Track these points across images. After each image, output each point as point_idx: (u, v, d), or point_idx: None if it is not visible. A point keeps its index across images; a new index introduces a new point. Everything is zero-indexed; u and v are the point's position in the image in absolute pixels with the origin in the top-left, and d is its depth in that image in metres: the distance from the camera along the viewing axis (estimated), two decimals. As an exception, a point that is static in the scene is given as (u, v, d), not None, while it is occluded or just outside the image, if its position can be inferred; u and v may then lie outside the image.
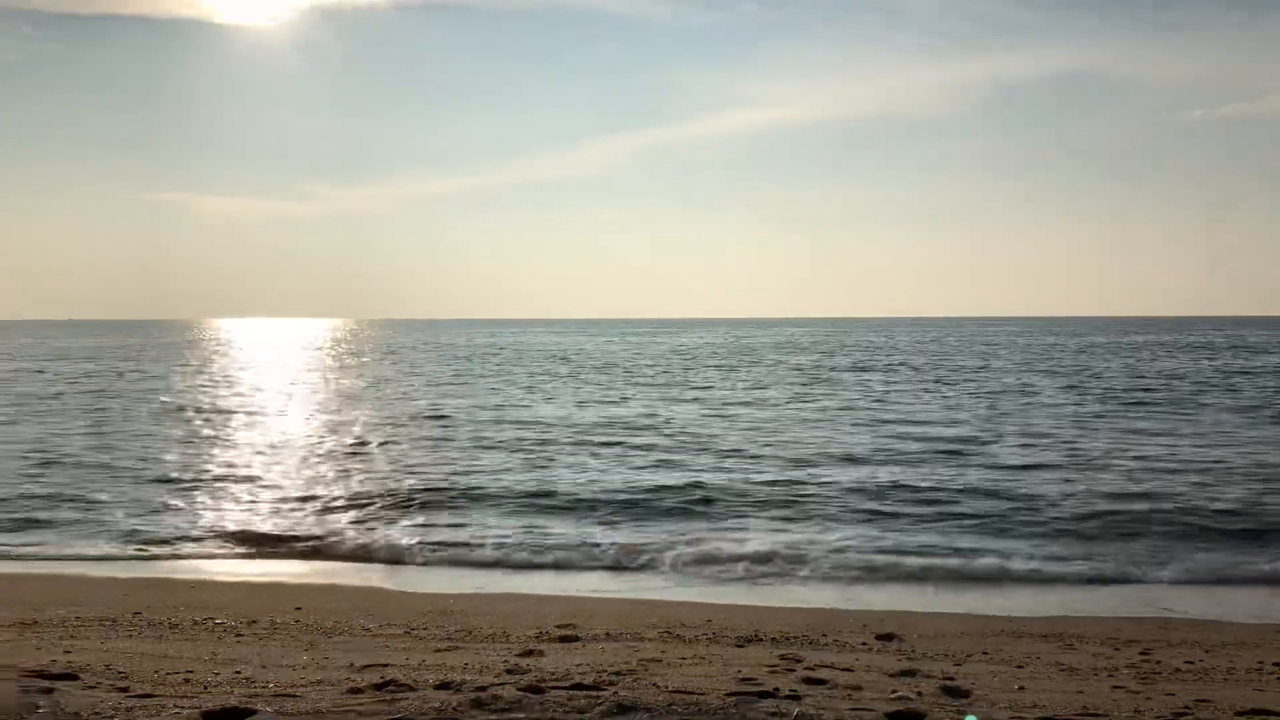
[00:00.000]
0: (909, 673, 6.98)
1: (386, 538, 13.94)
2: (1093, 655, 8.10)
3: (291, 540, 13.96)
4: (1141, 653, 8.17)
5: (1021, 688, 6.65)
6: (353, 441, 23.33)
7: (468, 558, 12.91)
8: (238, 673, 6.59)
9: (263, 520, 15.13)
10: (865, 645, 8.35)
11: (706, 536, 13.47)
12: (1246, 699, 6.52)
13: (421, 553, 13.07)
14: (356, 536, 13.96)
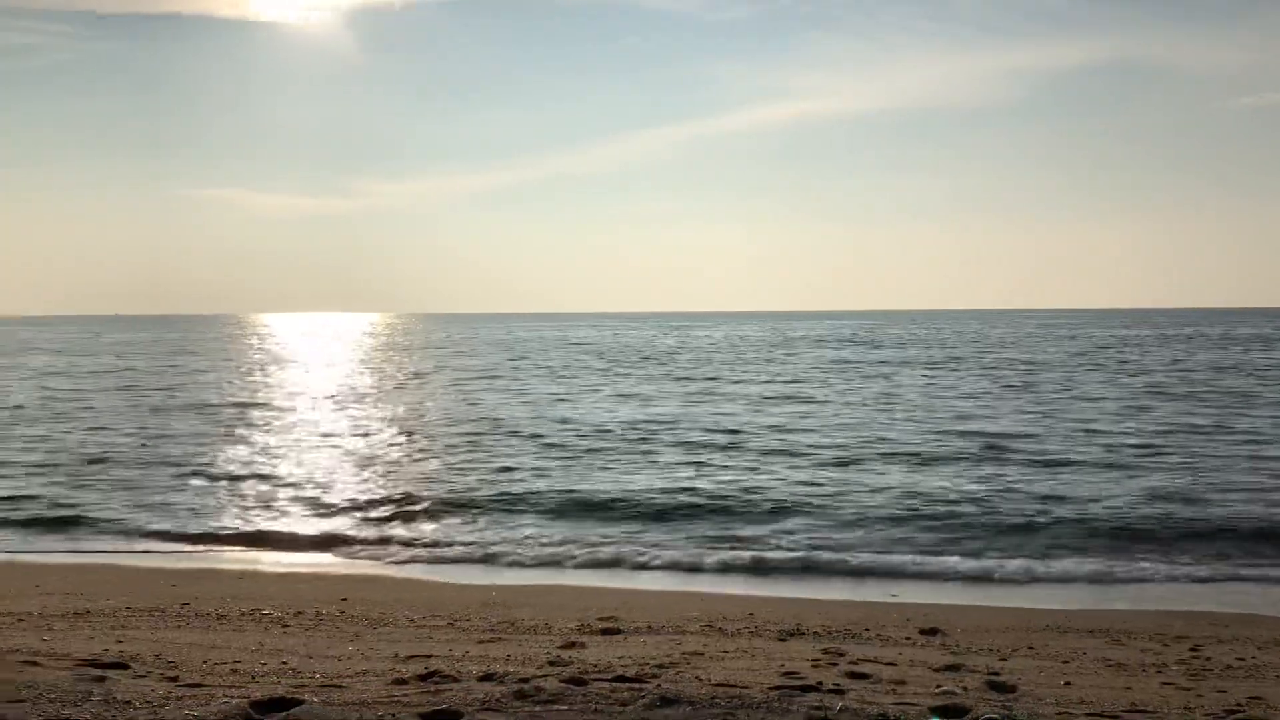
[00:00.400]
0: (953, 667, 6.93)
1: (434, 532, 14.07)
2: (1141, 651, 7.99)
3: (335, 534, 14.13)
4: (1191, 649, 8.04)
5: (1068, 683, 6.57)
6: (406, 438, 23.37)
7: (510, 555, 12.90)
8: (284, 663, 6.67)
9: (309, 513, 15.31)
10: (908, 640, 8.30)
11: (750, 537, 13.40)
12: (1300, 696, 6.40)
13: (467, 549, 13.12)
14: (403, 532, 14.09)
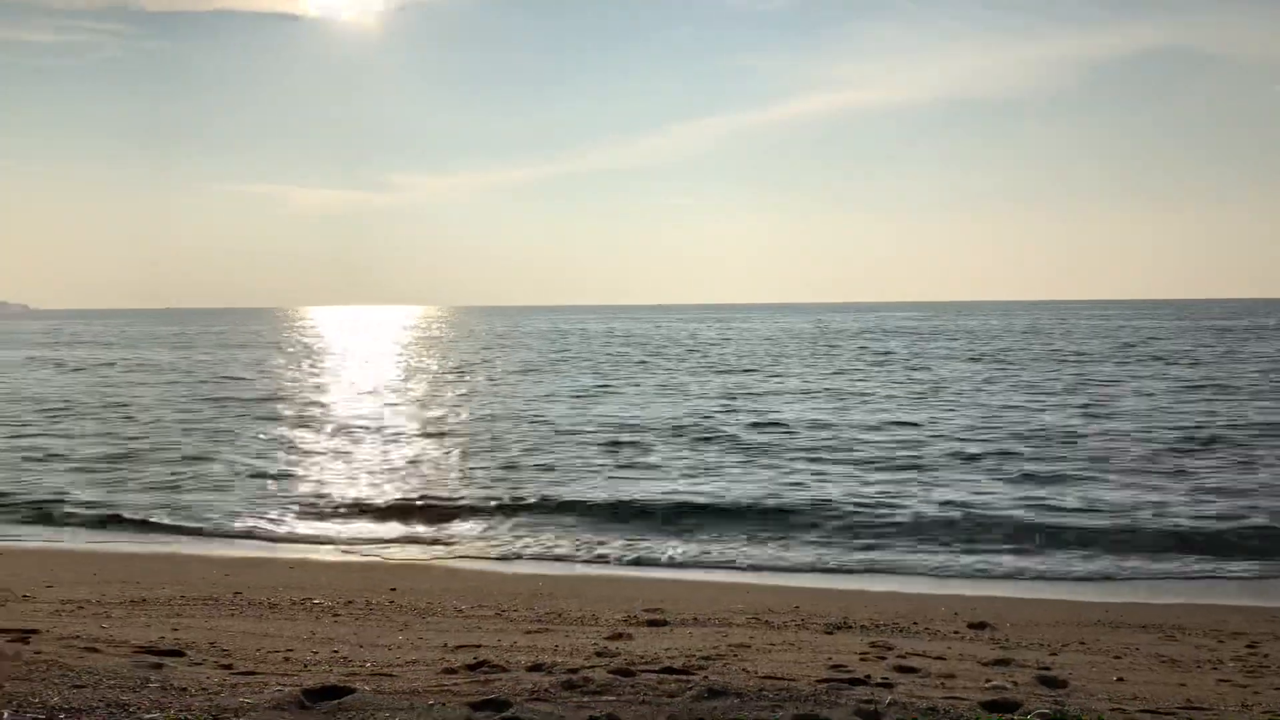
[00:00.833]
0: (1003, 662, 6.87)
1: (484, 529, 14.17)
2: (1195, 647, 7.87)
3: (385, 525, 14.30)
4: (1248, 646, 7.91)
5: (1120, 679, 6.49)
6: (465, 435, 23.35)
7: (554, 552, 12.88)
8: (335, 652, 6.75)
9: (358, 506, 15.47)
10: (957, 634, 8.24)
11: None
12: (1361, 695, 6.27)
13: (514, 546, 13.14)
14: (459, 527, 14.18)
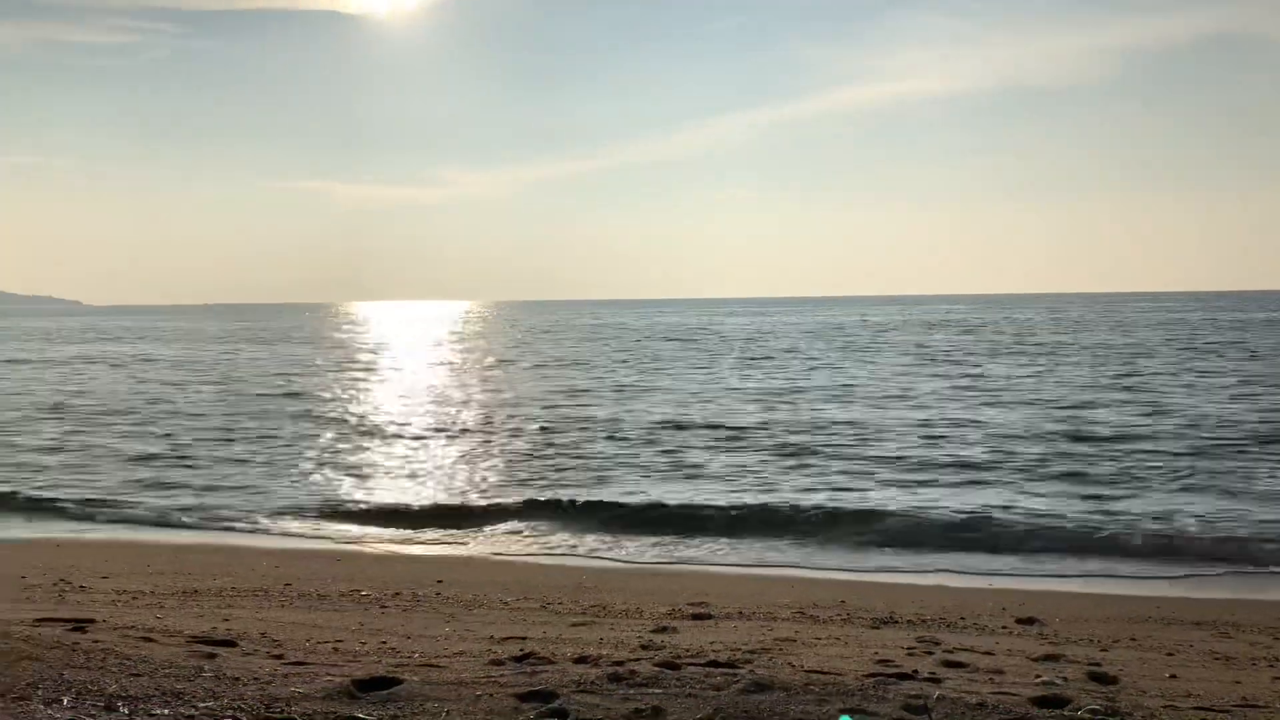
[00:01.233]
0: (1052, 657, 6.79)
1: (532, 527, 14.25)
2: (1250, 644, 7.73)
3: (429, 518, 14.44)
4: (1305, 643, 7.76)
5: (1173, 676, 6.39)
6: (505, 429, 23.48)
7: (596, 550, 12.90)
8: (383, 643, 6.83)
9: (407, 500, 15.65)
10: (1005, 629, 8.15)
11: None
12: None
13: (557, 542, 13.19)
14: (494, 524, 14.27)
